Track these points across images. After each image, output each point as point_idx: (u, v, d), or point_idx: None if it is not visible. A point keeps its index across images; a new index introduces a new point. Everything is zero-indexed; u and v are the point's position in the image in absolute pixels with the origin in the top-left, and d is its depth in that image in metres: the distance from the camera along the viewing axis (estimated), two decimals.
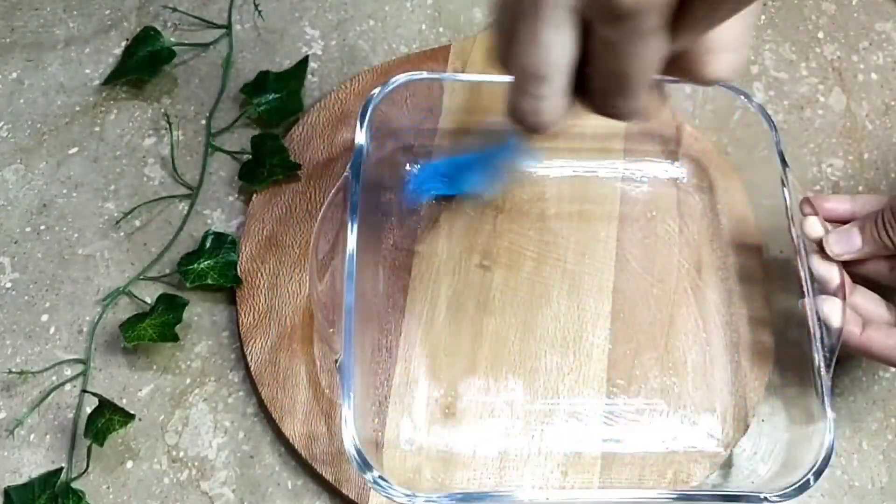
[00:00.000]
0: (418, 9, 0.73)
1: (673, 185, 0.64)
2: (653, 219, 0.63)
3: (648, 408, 0.57)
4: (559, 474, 0.54)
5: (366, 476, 0.48)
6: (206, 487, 0.55)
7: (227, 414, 0.57)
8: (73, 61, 0.70)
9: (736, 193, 0.63)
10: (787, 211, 0.57)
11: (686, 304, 0.60)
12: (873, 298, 0.56)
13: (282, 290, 0.59)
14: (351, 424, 0.49)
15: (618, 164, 0.64)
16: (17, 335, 0.60)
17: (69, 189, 0.64)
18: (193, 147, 0.66)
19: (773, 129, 0.59)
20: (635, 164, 0.64)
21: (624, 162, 0.65)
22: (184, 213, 0.63)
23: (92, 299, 0.61)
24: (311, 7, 0.73)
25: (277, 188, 0.63)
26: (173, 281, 0.61)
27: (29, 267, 0.62)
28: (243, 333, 0.58)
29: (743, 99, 0.61)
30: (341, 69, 0.70)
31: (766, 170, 0.59)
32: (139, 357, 0.59)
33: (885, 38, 0.73)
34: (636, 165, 0.64)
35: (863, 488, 0.57)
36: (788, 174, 0.58)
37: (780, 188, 0.58)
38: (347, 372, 0.50)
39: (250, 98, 0.66)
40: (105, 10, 0.72)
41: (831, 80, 0.71)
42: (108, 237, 0.63)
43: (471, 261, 0.61)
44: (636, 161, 0.65)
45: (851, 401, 0.59)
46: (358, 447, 0.49)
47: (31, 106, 0.68)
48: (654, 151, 0.65)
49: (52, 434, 0.57)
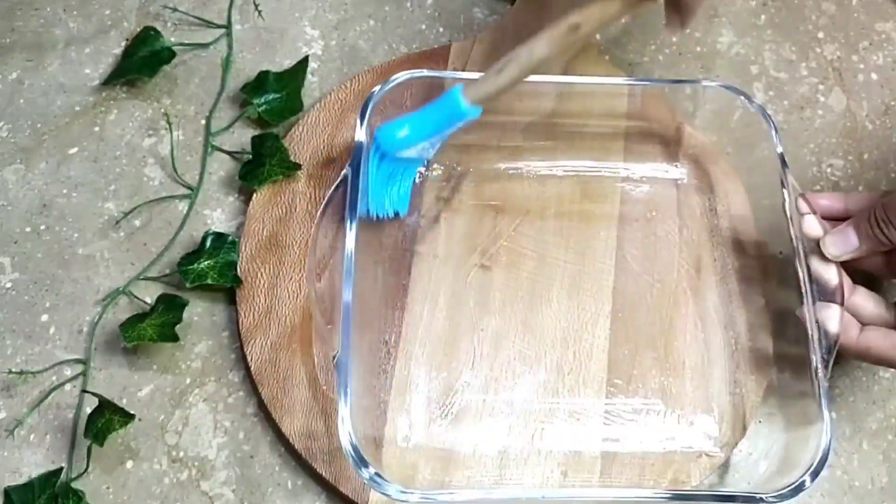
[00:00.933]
0: (418, 9, 0.73)
1: (673, 185, 0.64)
2: (653, 219, 0.63)
3: (646, 408, 0.57)
4: (559, 474, 0.54)
5: (362, 473, 0.48)
6: (206, 487, 0.55)
7: (227, 414, 0.57)
8: (73, 61, 0.70)
9: (736, 194, 0.63)
10: (786, 211, 0.57)
11: (685, 304, 0.60)
12: (873, 298, 0.56)
13: (282, 290, 0.59)
14: (348, 421, 0.49)
15: (618, 165, 0.65)
16: (17, 335, 0.60)
17: (69, 189, 0.64)
18: (193, 147, 0.66)
19: (774, 130, 0.59)
20: (635, 164, 0.65)
21: (624, 162, 0.65)
22: (184, 213, 0.63)
23: (92, 299, 0.61)
24: (311, 7, 0.73)
25: (277, 188, 0.63)
26: (173, 281, 0.61)
27: (29, 267, 0.62)
28: (243, 333, 0.58)
29: (743, 99, 0.61)
30: (341, 69, 0.70)
31: (765, 170, 0.59)
32: (139, 357, 0.59)
33: (885, 38, 0.73)
34: (636, 166, 0.64)
35: (863, 488, 0.57)
36: (788, 175, 0.58)
37: (780, 188, 0.58)
38: (345, 369, 0.50)
39: (250, 98, 0.66)
40: (105, 10, 0.72)
41: (831, 80, 0.71)
42: (108, 237, 0.63)
43: (470, 261, 0.61)
44: (636, 161, 0.65)
45: (851, 401, 0.59)
46: (354, 444, 0.49)
47: (31, 106, 0.68)
48: (655, 152, 0.65)
49: (52, 434, 0.57)
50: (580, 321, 0.59)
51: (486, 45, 0.69)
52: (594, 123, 0.65)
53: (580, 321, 0.59)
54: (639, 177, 0.64)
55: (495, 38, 0.69)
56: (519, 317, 0.59)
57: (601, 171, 0.64)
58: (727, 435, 0.56)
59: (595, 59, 0.69)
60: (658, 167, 0.65)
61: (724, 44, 0.72)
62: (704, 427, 0.56)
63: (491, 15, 0.73)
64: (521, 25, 0.70)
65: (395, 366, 0.57)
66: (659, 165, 0.65)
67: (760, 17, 0.74)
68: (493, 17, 0.72)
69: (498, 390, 0.57)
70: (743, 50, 0.72)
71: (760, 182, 0.60)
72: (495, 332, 0.58)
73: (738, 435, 0.56)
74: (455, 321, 0.59)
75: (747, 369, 0.58)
